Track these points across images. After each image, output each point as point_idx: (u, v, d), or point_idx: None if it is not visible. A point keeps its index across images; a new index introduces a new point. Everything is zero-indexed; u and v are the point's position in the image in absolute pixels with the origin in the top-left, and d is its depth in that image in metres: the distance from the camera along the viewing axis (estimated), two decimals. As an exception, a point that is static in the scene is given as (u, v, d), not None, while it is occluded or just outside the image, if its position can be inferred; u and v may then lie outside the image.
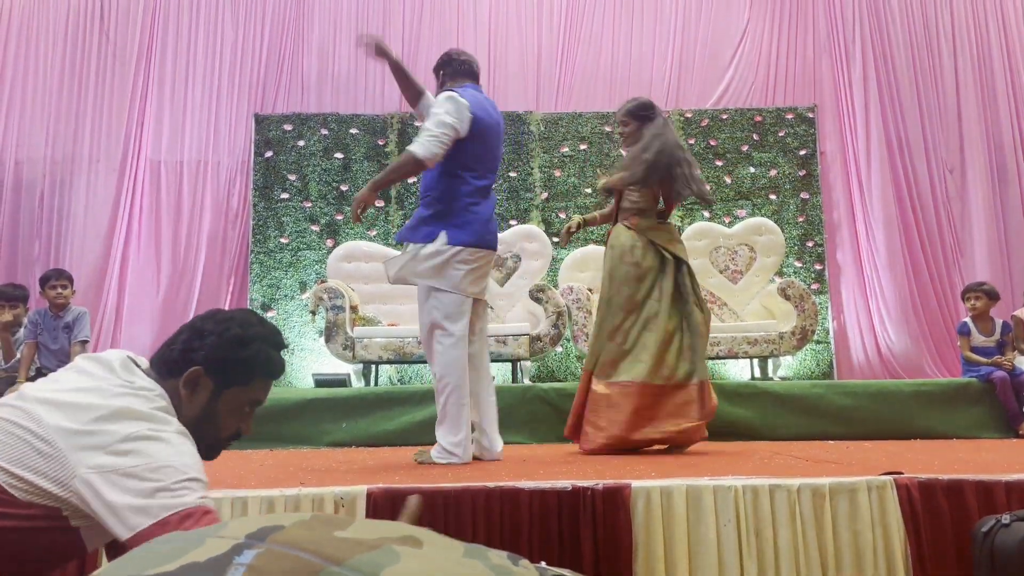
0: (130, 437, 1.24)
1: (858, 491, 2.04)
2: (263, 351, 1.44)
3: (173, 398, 1.38)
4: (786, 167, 6.63)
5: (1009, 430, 4.61)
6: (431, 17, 7.06)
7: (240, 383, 1.43)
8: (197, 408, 1.41)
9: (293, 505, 2.02)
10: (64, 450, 1.23)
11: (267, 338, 1.46)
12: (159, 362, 1.42)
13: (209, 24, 6.98)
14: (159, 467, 1.23)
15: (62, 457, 1.23)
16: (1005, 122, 6.92)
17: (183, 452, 1.29)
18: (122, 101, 6.85)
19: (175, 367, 1.40)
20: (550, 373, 6.26)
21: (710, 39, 7.08)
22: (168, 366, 1.41)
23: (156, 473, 1.22)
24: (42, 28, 6.93)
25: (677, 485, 2.04)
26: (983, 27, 7.06)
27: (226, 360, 1.41)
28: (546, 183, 6.60)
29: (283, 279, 6.40)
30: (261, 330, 1.46)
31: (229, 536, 0.44)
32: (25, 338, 4.83)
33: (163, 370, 1.41)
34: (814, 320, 5.38)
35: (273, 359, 1.46)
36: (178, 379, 1.40)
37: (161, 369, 1.41)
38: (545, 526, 2.01)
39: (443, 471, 2.64)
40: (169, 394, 1.38)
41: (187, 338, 1.43)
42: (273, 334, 1.49)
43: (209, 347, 1.41)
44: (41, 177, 6.72)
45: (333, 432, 4.55)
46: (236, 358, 1.42)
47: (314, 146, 6.58)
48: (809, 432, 4.47)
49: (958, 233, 6.79)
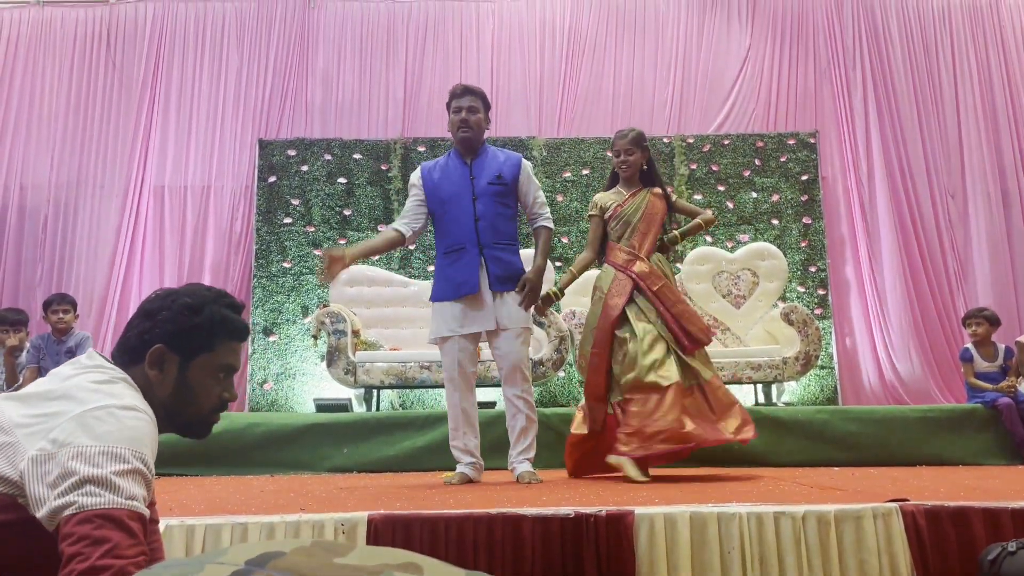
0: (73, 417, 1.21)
1: (863, 518, 2.02)
2: (217, 311, 1.43)
3: (142, 383, 1.36)
4: (788, 192, 6.65)
5: (1015, 456, 4.57)
6: (434, 44, 7.13)
7: (205, 349, 1.42)
8: (169, 386, 1.40)
9: (293, 531, 2.00)
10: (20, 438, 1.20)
11: (217, 299, 1.45)
12: (119, 353, 1.41)
13: (214, 51, 7.06)
14: (79, 454, 1.17)
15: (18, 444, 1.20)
16: (1007, 147, 6.95)
17: (121, 432, 1.22)
18: (127, 127, 6.90)
19: (136, 353, 1.39)
20: (552, 398, 6.24)
21: (711, 65, 7.13)
22: (129, 354, 1.39)
23: (74, 461, 1.16)
24: (49, 55, 7.01)
25: (681, 512, 2.02)
26: (983, 52, 7.11)
27: (183, 330, 1.40)
28: (549, 208, 6.61)
29: (285, 303, 6.41)
30: (209, 294, 1.46)
31: (229, 563, 0.44)
32: (28, 363, 4.82)
33: (125, 359, 1.39)
34: (818, 345, 5.37)
35: (229, 318, 1.45)
36: (142, 364, 1.38)
37: (123, 359, 1.40)
38: (548, 553, 1.99)
39: (444, 497, 2.63)
40: (137, 381, 1.36)
41: (139, 321, 1.42)
42: (222, 296, 1.48)
43: (163, 322, 1.39)
44: (45, 202, 6.76)
45: (334, 457, 4.53)
46: (192, 324, 1.40)
47: (317, 171, 6.62)
48: (814, 458, 4.44)
49: (961, 258, 6.79)
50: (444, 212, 3.44)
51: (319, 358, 6.18)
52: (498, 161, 3.51)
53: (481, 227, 3.37)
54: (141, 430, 1.26)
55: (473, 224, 3.37)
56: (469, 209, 3.39)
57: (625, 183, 3.79)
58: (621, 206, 3.73)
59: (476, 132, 3.48)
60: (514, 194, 3.52)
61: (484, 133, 3.54)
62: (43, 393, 1.27)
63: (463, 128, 3.46)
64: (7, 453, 1.20)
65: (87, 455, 1.17)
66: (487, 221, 3.38)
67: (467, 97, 3.48)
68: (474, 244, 3.36)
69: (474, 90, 3.52)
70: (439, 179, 3.48)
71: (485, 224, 3.38)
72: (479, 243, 3.36)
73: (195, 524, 1.98)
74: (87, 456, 1.17)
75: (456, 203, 3.41)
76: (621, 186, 3.81)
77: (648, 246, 3.68)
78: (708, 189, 6.63)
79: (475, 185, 3.42)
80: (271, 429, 4.61)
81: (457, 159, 3.51)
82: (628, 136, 3.74)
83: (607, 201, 3.78)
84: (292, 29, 7.11)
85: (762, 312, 5.91)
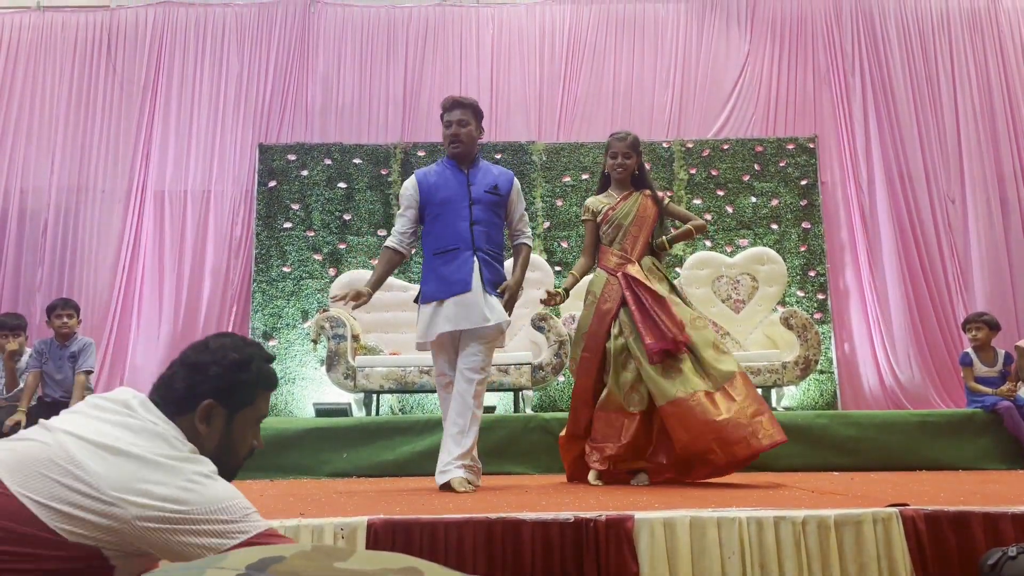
0: (182, 483, 1.29)
1: (863, 523, 2.02)
2: (262, 367, 1.52)
3: (189, 434, 1.41)
4: (787, 197, 6.66)
5: (1015, 461, 4.57)
6: (434, 48, 7.14)
7: (248, 403, 1.50)
8: (216, 438, 1.46)
9: (293, 536, 2.00)
10: (115, 499, 1.25)
11: (260, 354, 1.54)
12: (164, 403, 1.44)
13: (214, 56, 7.07)
14: (220, 507, 1.29)
15: (113, 504, 1.25)
16: (1005, 152, 6.96)
17: (227, 488, 1.34)
18: (127, 132, 6.91)
19: (183, 405, 1.43)
20: (552, 403, 6.24)
21: (711, 70, 7.14)
22: (176, 405, 1.43)
23: (220, 513, 1.28)
24: (49, 60, 7.02)
25: (681, 517, 2.02)
26: (982, 58, 7.12)
27: (233, 385, 1.46)
28: (548, 212, 6.63)
29: (285, 308, 6.40)
30: (253, 349, 1.53)
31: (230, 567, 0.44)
32: (30, 367, 4.82)
33: (171, 410, 1.43)
34: (817, 350, 5.37)
35: (271, 373, 1.55)
36: (187, 415, 1.43)
37: (169, 409, 1.43)
38: (547, 558, 1.99)
39: (444, 502, 2.62)
40: (185, 432, 1.40)
41: (187, 374, 1.46)
42: (262, 348, 1.57)
43: (214, 377, 1.45)
44: (46, 206, 6.76)
45: (334, 462, 4.52)
46: (241, 381, 1.48)
47: (317, 176, 6.63)
48: (814, 463, 4.44)
49: (960, 263, 6.79)
50: (439, 214, 3.46)
51: (319, 362, 6.18)
52: (492, 174, 3.56)
53: (476, 231, 3.41)
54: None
55: (469, 227, 3.41)
56: (465, 213, 3.42)
57: (617, 186, 3.79)
58: (613, 209, 3.73)
59: (467, 145, 3.51)
60: (505, 207, 3.56)
61: (476, 144, 3.57)
62: (129, 455, 1.30)
63: (454, 143, 3.50)
64: (98, 504, 1.26)
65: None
66: (482, 227, 3.43)
67: (457, 111, 3.50)
68: (468, 246, 3.39)
69: (464, 102, 3.54)
70: (435, 182, 3.51)
71: (480, 229, 3.42)
72: (473, 246, 3.40)
73: (195, 529, 1.97)
74: (232, 503, 1.33)
75: (452, 206, 3.44)
76: (613, 189, 3.81)
77: (640, 248, 3.69)
78: (707, 194, 6.64)
79: (472, 191, 3.45)
80: (270, 433, 4.60)
81: (453, 166, 3.55)
82: (627, 139, 3.74)
83: (599, 205, 3.78)
84: (292, 34, 7.12)
85: (762, 317, 5.91)
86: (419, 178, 3.56)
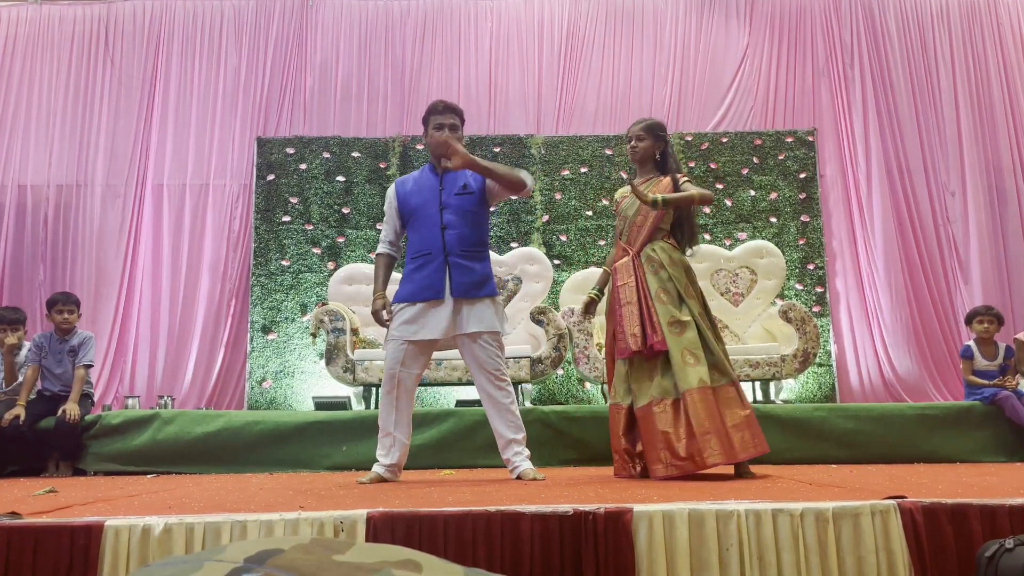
0: None
1: (862, 515, 2.03)
2: None
3: None
4: (786, 190, 6.66)
5: (1014, 453, 4.58)
6: (433, 42, 7.13)
7: None
8: None
9: (292, 529, 2.00)
10: None
11: None
12: None
13: (212, 49, 7.05)
14: None
15: None
16: (1004, 145, 6.96)
17: None
18: (126, 126, 6.90)
19: None
20: (551, 396, 6.25)
21: (709, 63, 7.14)
22: None
23: None
24: (47, 53, 7.00)
25: (679, 509, 2.02)
26: (981, 50, 7.12)
27: None
28: (547, 206, 6.62)
29: (284, 301, 6.40)
30: None
31: (228, 560, 0.44)
32: (29, 361, 4.82)
33: None
34: (816, 343, 5.37)
35: None
36: None
37: None
38: (546, 550, 2.00)
39: (443, 495, 2.63)
40: None
41: None
42: None
43: None
44: (45, 200, 6.76)
45: (333, 455, 4.53)
46: None
47: (316, 169, 6.62)
48: (812, 456, 4.45)
49: (959, 256, 6.79)
50: (414, 221, 3.53)
51: (318, 356, 6.18)
52: (465, 173, 3.53)
53: (447, 236, 3.45)
54: None
55: (440, 233, 3.46)
56: (436, 219, 3.47)
57: (640, 171, 3.64)
58: (619, 204, 3.69)
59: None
60: (483, 200, 3.53)
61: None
62: None
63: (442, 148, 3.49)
64: None
65: None
66: (454, 230, 3.46)
67: (449, 114, 3.52)
68: (440, 252, 3.44)
69: (454, 107, 3.58)
70: (410, 190, 3.58)
71: (452, 233, 3.45)
72: (445, 251, 3.44)
73: (194, 522, 1.98)
74: None
75: (425, 212, 3.50)
76: (639, 175, 3.65)
77: (642, 239, 3.51)
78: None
79: (443, 196, 3.49)
80: (270, 427, 4.62)
81: (430, 172, 3.59)
82: (642, 123, 3.61)
83: (619, 195, 3.73)
84: (291, 27, 7.10)
85: (760, 310, 5.91)
86: (397, 187, 3.64)
